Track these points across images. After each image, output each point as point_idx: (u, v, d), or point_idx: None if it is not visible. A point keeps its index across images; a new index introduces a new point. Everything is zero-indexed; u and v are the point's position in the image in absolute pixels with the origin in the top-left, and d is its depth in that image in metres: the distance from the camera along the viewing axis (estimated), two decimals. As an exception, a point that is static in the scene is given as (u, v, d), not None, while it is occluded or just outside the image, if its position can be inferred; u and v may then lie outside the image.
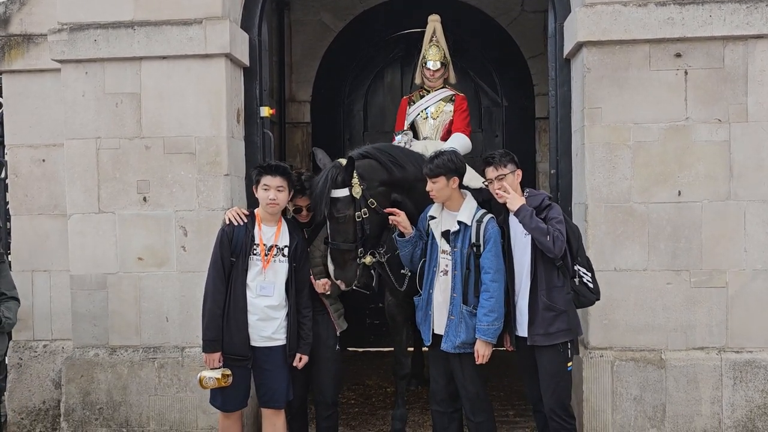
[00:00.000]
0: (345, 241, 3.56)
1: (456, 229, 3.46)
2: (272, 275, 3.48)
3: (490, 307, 3.38)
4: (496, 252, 3.41)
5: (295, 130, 6.82)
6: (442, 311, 3.53)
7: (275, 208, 3.50)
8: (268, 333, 3.49)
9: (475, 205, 3.52)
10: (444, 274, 3.52)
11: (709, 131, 4.06)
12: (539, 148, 6.58)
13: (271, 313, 3.48)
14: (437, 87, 4.87)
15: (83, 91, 4.33)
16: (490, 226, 3.43)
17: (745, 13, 3.97)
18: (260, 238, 3.48)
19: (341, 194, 3.54)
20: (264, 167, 3.55)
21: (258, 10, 4.57)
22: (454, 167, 3.45)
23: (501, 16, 6.62)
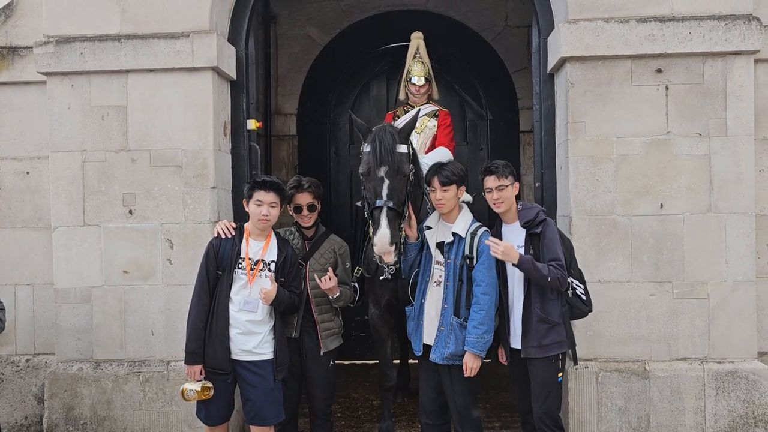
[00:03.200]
0: (397, 201, 3.54)
1: (450, 240, 3.46)
2: (257, 290, 3.45)
3: (480, 320, 3.37)
4: (489, 265, 3.40)
5: (281, 143, 6.84)
6: (433, 322, 3.52)
7: (266, 224, 3.49)
8: (249, 347, 3.44)
9: (470, 217, 3.54)
10: (437, 285, 3.52)
11: (689, 145, 4.14)
12: (523, 161, 6.65)
13: (253, 328, 3.45)
14: (421, 102, 4.92)
15: (69, 103, 4.32)
16: (484, 239, 3.42)
17: (724, 30, 4.07)
18: (246, 252, 3.46)
19: (403, 150, 3.61)
20: (258, 182, 3.52)
21: (245, 23, 4.60)
22: (462, 177, 3.51)
23: (486, 31, 6.71)
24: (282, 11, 6.79)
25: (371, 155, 3.56)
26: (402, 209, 3.56)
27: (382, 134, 3.57)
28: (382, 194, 3.51)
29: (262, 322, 3.48)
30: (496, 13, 6.69)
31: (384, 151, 3.51)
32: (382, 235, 3.42)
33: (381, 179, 3.53)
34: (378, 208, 3.50)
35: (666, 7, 4.12)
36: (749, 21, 4.07)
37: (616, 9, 4.13)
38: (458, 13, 6.70)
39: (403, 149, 3.63)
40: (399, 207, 3.55)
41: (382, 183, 3.52)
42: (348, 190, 6.74)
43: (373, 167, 3.54)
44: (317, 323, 3.75)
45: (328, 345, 3.79)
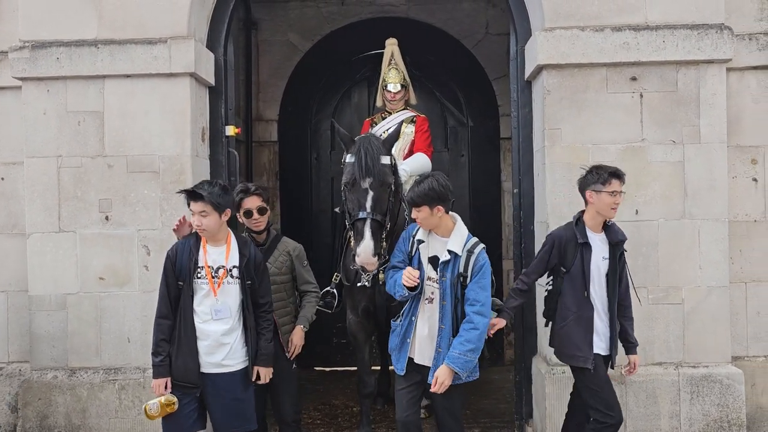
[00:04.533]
0: (380, 212, 3.55)
1: (447, 258, 3.24)
2: (224, 298, 3.32)
3: (469, 338, 3.16)
4: (483, 284, 3.23)
5: (262, 149, 6.82)
6: (426, 341, 3.31)
7: (204, 233, 3.32)
8: (217, 359, 3.33)
9: (465, 233, 3.30)
10: (429, 302, 3.31)
11: (664, 152, 4.19)
12: (504, 168, 6.69)
13: (222, 339, 3.33)
14: (398, 109, 4.94)
15: (44, 109, 4.28)
16: (480, 257, 3.24)
17: (696, 39, 4.14)
18: (205, 260, 3.33)
19: (387, 161, 3.63)
20: (187, 191, 3.35)
21: (224, 29, 4.60)
22: (436, 195, 3.20)
23: (466, 39, 6.76)
24: (263, 17, 6.80)
25: (356, 166, 3.57)
26: (384, 220, 3.57)
27: (366, 145, 3.59)
28: (366, 206, 3.53)
29: (230, 331, 3.34)
30: (476, 20, 6.74)
31: (369, 162, 3.53)
32: (366, 247, 3.44)
33: (365, 191, 3.55)
34: (361, 219, 3.51)
35: (640, 16, 4.18)
36: (721, 30, 4.13)
37: (591, 18, 4.18)
38: (439, 21, 6.74)
39: (387, 161, 3.65)
40: (382, 218, 3.56)
41: (366, 195, 3.54)
42: (329, 196, 6.74)
43: (358, 178, 3.55)
44: (278, 327, 3.73)
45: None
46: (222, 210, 3.29)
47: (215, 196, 3.26)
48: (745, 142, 4.38)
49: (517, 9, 4.53)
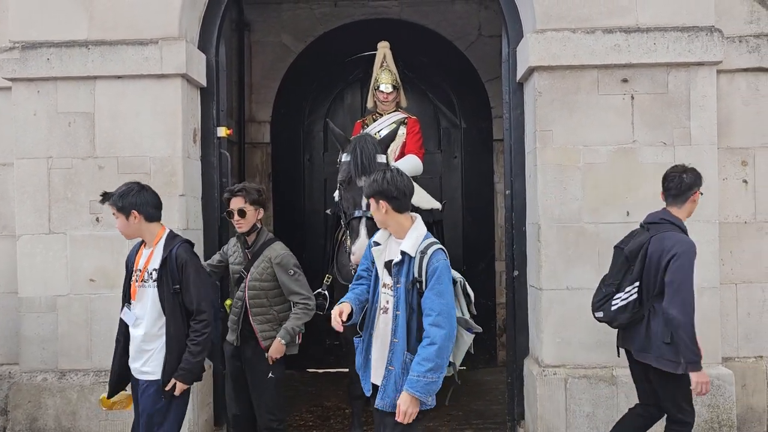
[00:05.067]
0: None
1: (399, 259, 2.87)
2: (140, 302, 3.18)
3: (427, 356, 2.71)
4: (439, 291, 2.76)
5: (254, 151, 6.81)
6: (382, 358, 2.91)
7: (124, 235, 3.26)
8: (138, 365, 3.19)
9: (422, 232, 2.91)
10: (384, 313, 2.93)
11: (654, 154, 4.20)
12: (497, 169, 6.71)
13: (143, 345, 3.16)
14: (390, 110, 4.95)
15: (35, 110, 4.26)
16: (434, 259, 2.80)
17: (687, 41, 4.15)
18: (136, 263, 3.23)
19: (382, 160, 3.59)
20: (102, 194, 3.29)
21: (215, 30, 4.59)
22: (380, 189, 2.84)
23: (459, 40, 6.77)
24: (256, 18, 6.79)
25: (352, 164, 3.56)
26: None
27: (363, 144, 3.59)
28: (362, 204, 3.52)
29: (149, 337, 3.15)
30: (469, 22, 6.76)
31: (365, 160, 3.54)
32: (361, 245, 3.45)
33: (361, 189, 3.53)
34: (357, 218, 3.49)
35: (631, 18, 4.19)
36: (711, 33, 4.15)
37: (582, 20, 4.19)
38: (432, 22, 6.75)
39: (383, 159, 3.66)
40: None
41: (361, 193, 3.53)
42: (322, 198, 6.73)
43: (354, 177, 3.55)
44: (256, 332, 3.67)
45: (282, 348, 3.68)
46: (126, 212, 3.14)
47: (116, 198, 3.15)
48: (735, 144, 4.40)
49: (508, 11, 4.54)
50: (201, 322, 3.14)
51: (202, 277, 3.23)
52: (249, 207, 3.67)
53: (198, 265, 3.25)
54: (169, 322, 3.13)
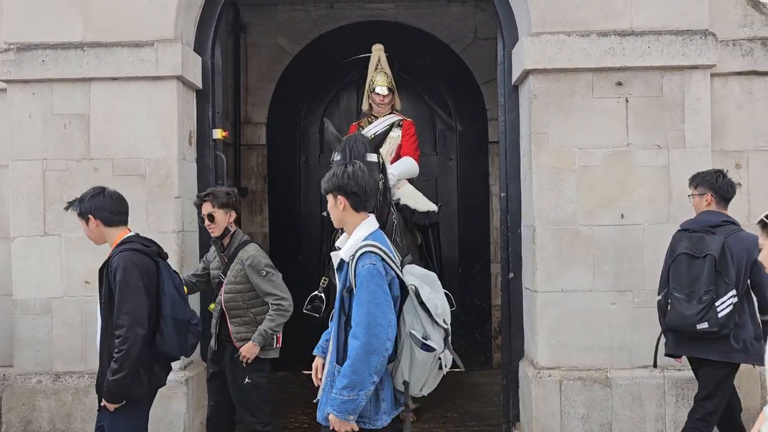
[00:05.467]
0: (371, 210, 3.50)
1: (338, 264, 2.74)
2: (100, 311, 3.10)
3: (342, 371, 2.53)
4: (360, 299, 2.53)
5: (250, 152, 6.81)
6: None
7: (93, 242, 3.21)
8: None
9: (363, 234, 2.65)
10: (331, 320, 2.83)
11: (649, 157, 4.22)
12: (492, 172, 6.71)
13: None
14: (385, 113, 4.97)
15: (30, 111, 4.26)
16: (360, 264, 2.56)
17: (681, 44, 4.17)
18: None
19: (373, 159, 3.59)
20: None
21: (211, 32, 4.59)
22: (339, 184, 2.64)
23: (455, 43, 6.78)
24: (252, 20, 6.79)
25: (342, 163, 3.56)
26: None
27: (352, 143, 3.60)
28: None
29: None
30: (465, 25, 6.77)
31: (354, 159, 3.53)
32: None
33: None
34: None
35: (625, 21, 4.21)
36: (705, 36, 4.17)
37: (577, 23, 4.21)
38: (428, 25, 6.77)
39: (373, 158, 3.65)
40: None
41: None
42: (318, 200, 6.71)
43: None
44: (231, 335, 3.65)
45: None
46: (85, 217, 3.09)
47: (76, 204, 3.11)
48: (729, 147, 4.42)
49: (504, 14, 4.55)
50: (118, 338, 2.91)
51: (132, 288, 2.94)
52: (218, 211, 3.66)
53: (132, 274, 2.95)
54: (103, 333, 3.03)
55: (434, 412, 5.30)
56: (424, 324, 2.58)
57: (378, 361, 2.50)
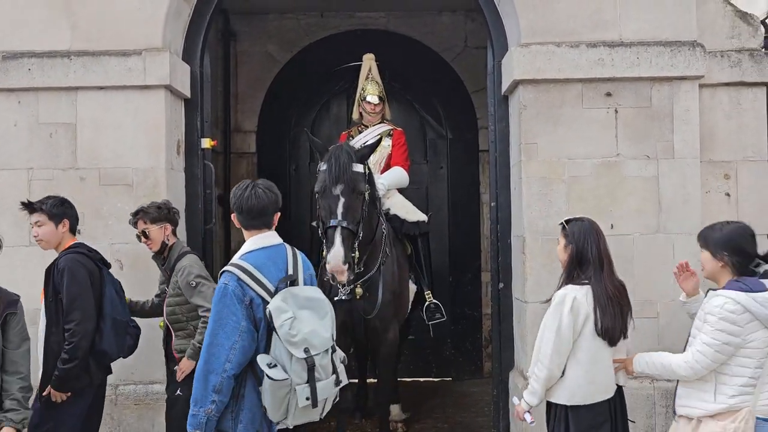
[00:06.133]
0: (352, 220, 3.49)
1: None
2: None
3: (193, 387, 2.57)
4: (209, 319, 2.57)
5: (240, 161, 6.78)
6: None
7: (41, 245, 3.45)
8: None
9: (240, 253, 2.67)
10: None
11: (638, 167, 4.22)
12: (483, 181, 6.71)
13: None
14: (375, 122, 4.95)
15: (15, 120, 4.22)
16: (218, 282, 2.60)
17: (670, 55, 4.19)
18: None
19: (359, 169, 3.57)
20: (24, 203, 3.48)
21: (200, 41, 4.56)
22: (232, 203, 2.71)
23: (445, 52, 6.78)
24: (242, 28, 6.77)
25: (327, 173, 3.55)
26: (357, 229, 3.54)
27: (338, 153, 3.59)
28: (337, 213, 3.51)
29: None
30: (455, 33, 6.78)
31: (339, 169, 3.52)
32: (336, 254, 3.41)
33: (336, 197, 3.53)
34: (332, 227, 3.48)
35: (614, 32, 4.22)
36: (694, 47, 4.19)
37: (566, 34, 4.22)
38: (418, 34, 6.77)
39: (359, 168, 3.64)
40: (354, 227, 3.52)
41: (337, 201, 3.53)
42: (308, 208, 6.70)
43: (329, 185, 3.53)
44: (172, 347, 3.63)
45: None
46: (58, 219, 3.42)
47: (50, 206, 3.39)
48: (717, 158, 4.43)
49: (494, 24, 4.56)
50: (68, 331, 3.22)
51: (81, 285, 3.27)
52: (151, 227, 3.64)
53: (80, 273, 3.30)
54: (49, 330, 3.25)
55: (424, 423, 5.27)
56: (279, 352, 2.48)
57: (216, 381, 2.46)
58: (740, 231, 2.82)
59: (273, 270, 2.58)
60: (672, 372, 2.79)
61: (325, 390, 2.52)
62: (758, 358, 2.65)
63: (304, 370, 2.46)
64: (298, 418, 2.52)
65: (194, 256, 3.72)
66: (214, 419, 2.49)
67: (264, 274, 2.55)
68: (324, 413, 2.62)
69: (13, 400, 2.79)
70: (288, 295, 2.52)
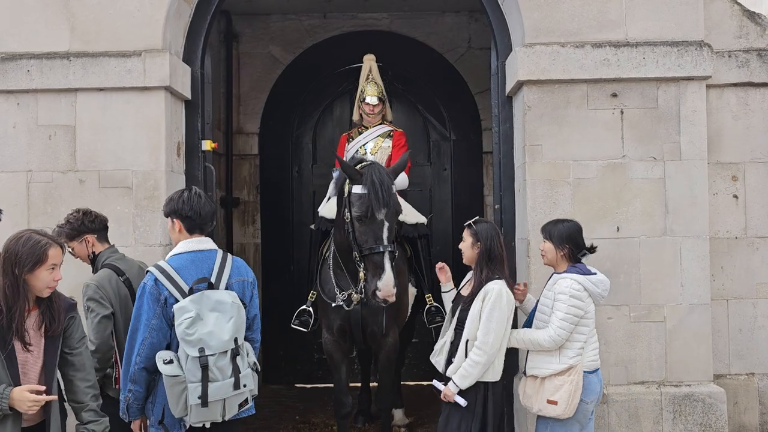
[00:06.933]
0: (393, 243, 3.55)
1: None
2: None
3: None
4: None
5: (242, 163, 6.74)
6: None
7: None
8: None
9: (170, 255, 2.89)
10: None
11: (645, 169, 4.16)
12: (486, 182, 6.65)
13: None
14: (375, 123, 4.91)
15: (14, 122, 4.18)
16: None
17: (677, 56, 4.13)
18: None
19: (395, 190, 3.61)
20: None
21: (201, 42, 4.52)
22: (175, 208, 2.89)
23: (449, 53, 6.73)
24: (244, 30, 6.74)
25: (372, 198, 3.49)
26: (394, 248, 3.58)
27: (379, 175, 3.54)
28: (384, 238, 3.49)
29: None
30: (459, 34, 6.73)
31: (384, 193, 3.49)
32: (388, 280, 3.42)
33: (381, 222, 3.51)
34: (380, 253, 3.46)
35: (620, 32, 4.16)
36: (701, 47, 4.13)
37: (571, 34, 4.16)
38: (421, 34, 6.72)
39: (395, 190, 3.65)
40: (395, 249, 3.57)
41: (382, 226, 3.51)
42: (310, 210, 6.64)
43: (375, 210, 3.50)
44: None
45: None
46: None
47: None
48: (725, 159, 4.37)
49: (497, 24, 4.50)
50: None
51: None
52: (72, 244, 3.46)
53: None
54: None
55: (428, 427, 5.21)
56: (180, 350, 2.62)
57: (132, 372, 2.69)
58: (576, 227, 3.42)
59: (193, 272, 2.73)
60: (539, 345, 3.30)
61: (220, 391, 2.61)
62: (591, 327, 3.33)
63: (198, 369, 2.57)
64: (197, 416, 2.62)
65: (107, 272, 3.39)
66: (134, 406, 2.72)
67: (181, 276, 2.71)
68: (227, 414, 2.69)
69: (89, 411, 2.74)
70: (202, 297, 2.66)
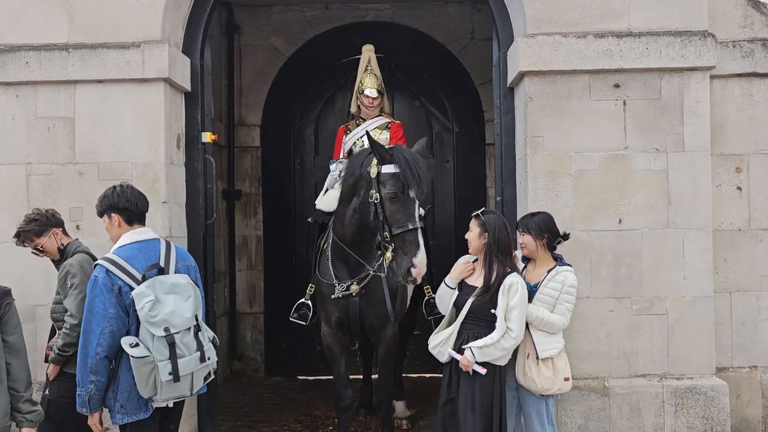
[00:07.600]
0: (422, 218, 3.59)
1: None
2: None
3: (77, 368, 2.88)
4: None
5: (244, 154, 6.73)
6: None
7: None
8: None
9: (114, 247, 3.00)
10: None
11: (647, 160, 4.13)
12: (489, 174, 6.62)
13: None
14: (373, 115, 4.86)
15: (13, 114, 4.17)
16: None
17: (680, 46, 4.08)
18: None
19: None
20: None
21: (200, 33, 4.49)
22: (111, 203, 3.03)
23: (451, 44, 6.69)
24: (246, 21, 6.71)
25: (408, 177, 3.48)
26: None
27: (410, 154, 3.56)
28: (415, 216, 3.48)
29: None
30: (461, 25, 6.68)
31: (419, 173, 3.49)
32: (423, 257, 3.42)
33: (413, 200, 3.50)
34: (413, 229, 3.45)
35: (623, 22, 4.11)
36: (705, 37, 4.08)
37: (573, 24, 4.12)
38: (424, 26, 6.67)
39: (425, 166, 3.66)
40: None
41: (414, 204, 3.51)
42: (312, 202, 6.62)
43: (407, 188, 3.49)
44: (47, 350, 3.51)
45: None
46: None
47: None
48: (729, 151, 4.33)
49: (499, 14, 4.46)
50: None
51: None
52: (41, 240, 3.51)
53: None
54: None
55: (429, 419, 5.20)
56: (143, 332, 2.79)
57: (92, 363, 2.79)
58: (550, 217, 3.60)
59: (142, 261, 2.88)
60: (551, 326, 3.43)
61: (188, 365, 2.82)
62: None
63: (165, 347, 2.75)
64: (166, 393, 2.80)
65: (84, 256, 3.50)
66: (95, 397, 2.82)
67: (132, 265, 2.85)
68: (194, 388, 2.92)
69: (25, 402, 2.83)
70: (155, 282, 2.82)
